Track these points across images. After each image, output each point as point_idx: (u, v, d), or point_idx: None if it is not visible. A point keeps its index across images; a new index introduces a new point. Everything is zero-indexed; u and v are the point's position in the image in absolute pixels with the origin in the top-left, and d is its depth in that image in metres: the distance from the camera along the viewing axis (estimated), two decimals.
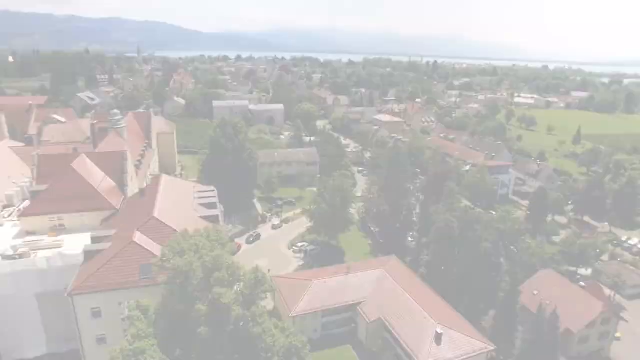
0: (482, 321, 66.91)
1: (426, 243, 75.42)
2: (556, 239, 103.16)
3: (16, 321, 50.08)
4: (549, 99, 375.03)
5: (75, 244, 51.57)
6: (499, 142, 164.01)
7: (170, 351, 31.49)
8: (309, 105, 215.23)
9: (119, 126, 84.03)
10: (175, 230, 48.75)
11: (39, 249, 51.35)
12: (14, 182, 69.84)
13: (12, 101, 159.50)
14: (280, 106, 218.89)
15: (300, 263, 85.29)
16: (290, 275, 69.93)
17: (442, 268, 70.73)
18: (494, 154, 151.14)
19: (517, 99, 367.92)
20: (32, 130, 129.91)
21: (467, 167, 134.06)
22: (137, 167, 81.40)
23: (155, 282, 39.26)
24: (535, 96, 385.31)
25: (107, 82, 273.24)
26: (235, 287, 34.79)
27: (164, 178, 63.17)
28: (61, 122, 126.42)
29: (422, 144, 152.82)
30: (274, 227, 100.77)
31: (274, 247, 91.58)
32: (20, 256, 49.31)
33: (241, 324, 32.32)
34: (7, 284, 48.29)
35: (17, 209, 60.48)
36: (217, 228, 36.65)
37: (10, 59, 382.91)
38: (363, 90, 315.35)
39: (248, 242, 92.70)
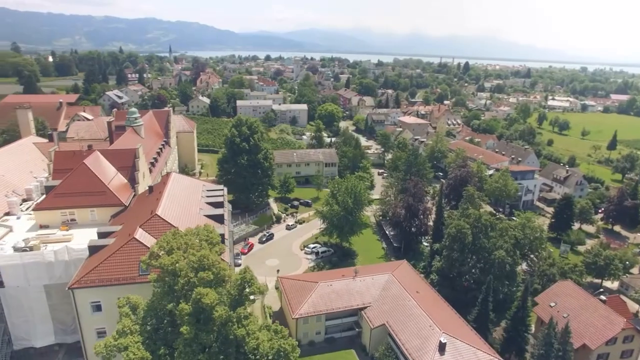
0: (493, 332, 64.50)
1: (438, 249, 73.31)
2: (582, 248, 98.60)
3: (26, 311, 51.65)
4: (586, 102, 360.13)
5: (84, 238, 52.79)
6: (527, 146, 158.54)
7: (155, 349, 31.56)
8: (333, 106, 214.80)
9: (136, 124, 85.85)
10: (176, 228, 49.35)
11: (49, 242, 52.79)
12: (35, 177, 72.49)
13: (45, 99, 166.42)
14: (304, 106, 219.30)
15: (311, 264, 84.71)
16: (297, 277, 69.43)
17: (453, 275, 68.59)
18: (520, 159, 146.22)
19: (550, 102, 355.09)
20: (61, 127, 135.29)
21: (491, 172, 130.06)
22: (153, 164, 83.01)
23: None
24: (571, 99, 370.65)
25: (136, 80, 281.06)
26: (223, 288, 34.55)
27: (174, 176, 63.94)
28: (87, 120, 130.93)
29: (445, 147, 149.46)
30: (289, 228, 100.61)
31: (286, 248, 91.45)
32: (31, 248, 50.76)
33: (226, 325, 31.99)
34: (17, 275, 49.81)
35: (34, 203, 62.50)
36: (207, 228, 36.40)
37: (50, 58, 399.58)
38: (390, 91, 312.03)
39: (261, 241, 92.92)
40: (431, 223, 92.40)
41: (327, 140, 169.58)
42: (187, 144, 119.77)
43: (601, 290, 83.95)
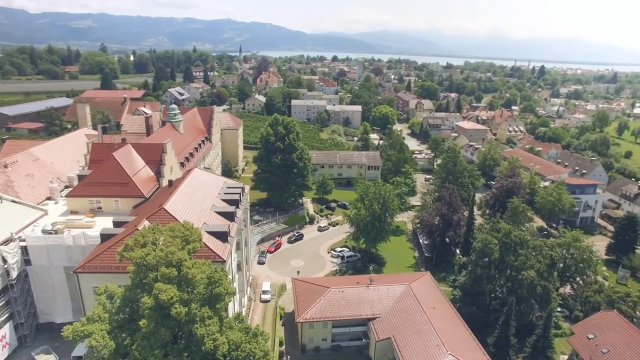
0: None
1: (465, 263, 68.57)
2: None
3: (49, 289, 55.80)
4: None
5: (104, 225, 55.87)
6: (594, 158, 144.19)
7: (121, 339, 32.31)
8: (387, 108, 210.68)
9: (174, 120, 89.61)
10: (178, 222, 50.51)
11: (73, 227, 56.53)
12: (80, 166, 78.31)
13: (115, 94, 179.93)
14: (358, 108, 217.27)
15: (335, 268, 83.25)
16: (311, 280, 68.30)
17: (477, 292, 63.74)
18: (584, 171, 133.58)
19: (638, 110, 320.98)
20: (124, 120, 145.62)
21: (546, 184, 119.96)
22: (187, 159, 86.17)
23: None
24: None
25: (202, 79, 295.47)
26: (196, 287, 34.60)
27: (195, 172, 65.75)
28: (146, 114, 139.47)
29: (498, 155, 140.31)
30: (320, 229, 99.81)
31: (313, 249, 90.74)
32: (56, 232, 54.70)
33: (189, 324, 31.95)
34: (41, 255, 53.98)
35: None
36: (186, 225, 36.55)
37: (131, 57, 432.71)
38: (452, 95, 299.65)
39: (289, 241, 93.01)
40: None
41: (375, 143, 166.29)
42: (231, 140, 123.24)
43: None
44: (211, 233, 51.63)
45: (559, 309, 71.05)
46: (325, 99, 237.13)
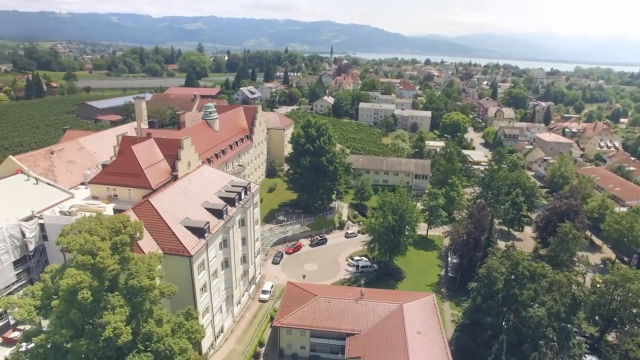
0: None
1: (472, 289, 62.06)
2: None
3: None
4: None
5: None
6: None
7: (43, 316, 35.36)
8: (459, 115, 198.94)
9: (210, 118, 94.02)
10: (160, 216, 53.09)
11: (86, 211, 62.30)
12: (110, 157, 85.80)
13: (188, 92, 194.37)
14: (427, 113, 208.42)
15: (347, 277, 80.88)
16: (303, 285, 67.10)
17: (476, 324, 57.41)
18: None
19: None
20: (185, 116, 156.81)
21: (623, 209, 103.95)
22: (217, 155, 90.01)
23: None
24: None
25: (282, 79, 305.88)
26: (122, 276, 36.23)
27: (203, 168, 68.39)
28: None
29: (570, 171, 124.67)
30: (347, 236, 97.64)
31: (332, 255, 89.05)
32: (69, 214, 60.85)
33: (98, 311, 33.64)
34: (56, 232, 59.44)
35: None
36: (120, 217, 38.28)
37: (225, 57, 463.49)
38: (543, 104, 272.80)
39: (311, 245, 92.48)
40: None
41: (435, 151, 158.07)
42: (278, 140, 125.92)
43: None
44: (189, 228, 53.49)
45: (587, 358, 61.30)
46: (397, 103, 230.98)
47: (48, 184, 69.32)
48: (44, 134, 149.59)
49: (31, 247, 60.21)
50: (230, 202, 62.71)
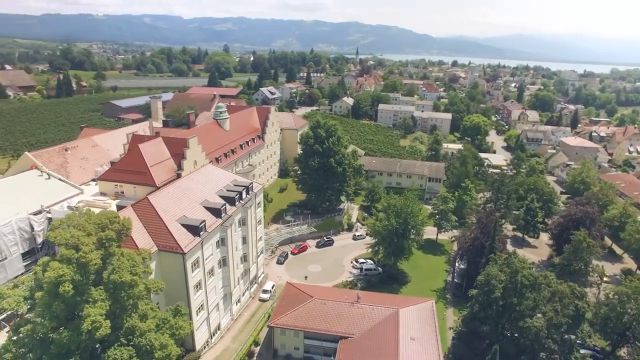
0: None
1: (472, 296, 60.55)
2: None
3: None
4: None
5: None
6: None
7: (29, 306, 36.72)
8: (480, 118, 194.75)
9: (220, 117, 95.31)
10: (157, 213, 54.22)
11: (91, 207, 64.23)
12: (120, 154, 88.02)
13: (208, 91, 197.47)
14: (447, 115, 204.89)
15: (350, 279, 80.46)
16: (302, 286, 67.04)
17: (473, 333, 56.00)
18: None
19: None
20: (201, 116, 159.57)
21: None
22: (226, 155, 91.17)
23: None
24: None
25: (305, 79, 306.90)
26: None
27: (207, 167, 69.39)
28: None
29: (592, 177, 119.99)
30: (355, 238, 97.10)
31: (338, 257, 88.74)
32: (76, 209, 62.85)
33: (80, 304, 34.68)
34: None
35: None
36: (108, 214, 39.26)
37: (251, 57, 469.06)
38: (571, 107, 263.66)
39: (318, 246, 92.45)
40: None
41: (452, 154, 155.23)
42: (291, 140, 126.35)
43: None
44: (185, 226, 54.42)
45: None
46: (417, 105, 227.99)
47: (60, 179, 71.73)
48: (68, 132, 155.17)
49: (39, 240, 62.49)
50: (230, 201, 63.39)
